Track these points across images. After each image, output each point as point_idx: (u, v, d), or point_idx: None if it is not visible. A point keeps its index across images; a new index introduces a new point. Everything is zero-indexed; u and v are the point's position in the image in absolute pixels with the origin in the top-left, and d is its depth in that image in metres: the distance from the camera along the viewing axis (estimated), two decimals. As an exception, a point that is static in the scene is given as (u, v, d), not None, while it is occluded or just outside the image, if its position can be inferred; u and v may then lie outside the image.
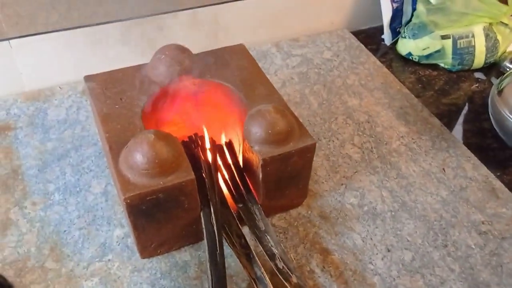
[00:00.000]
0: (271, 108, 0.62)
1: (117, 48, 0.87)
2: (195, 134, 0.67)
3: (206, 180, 0.62)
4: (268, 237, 0.63)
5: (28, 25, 0.79)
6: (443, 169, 0.79)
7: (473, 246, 0.69)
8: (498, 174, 0.79)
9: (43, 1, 0.78)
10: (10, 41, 0.80)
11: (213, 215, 0.61)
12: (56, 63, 0.86)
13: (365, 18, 1.10)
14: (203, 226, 0.60)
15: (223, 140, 0.70)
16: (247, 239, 0.63)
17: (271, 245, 0.62)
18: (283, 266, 0.60)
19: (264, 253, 0.62)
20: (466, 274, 0.65)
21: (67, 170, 0.75)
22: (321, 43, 1.04)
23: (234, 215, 0.65)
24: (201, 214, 0.61)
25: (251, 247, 0.62)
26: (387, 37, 1.06)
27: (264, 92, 0.69)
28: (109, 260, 0.64)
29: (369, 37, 1.09)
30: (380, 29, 1.08)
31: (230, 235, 0.63)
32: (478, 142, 0.86)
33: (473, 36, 0.96)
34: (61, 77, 0.87)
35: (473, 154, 0.82)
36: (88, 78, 0.68)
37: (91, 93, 0.67)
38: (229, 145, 0.69)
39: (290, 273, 0.59)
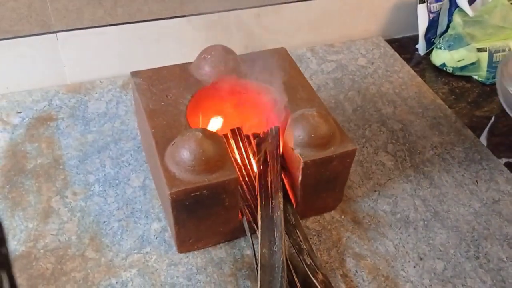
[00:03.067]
0: (315, 112, 0.63)
1: (159, 45, 0.89)
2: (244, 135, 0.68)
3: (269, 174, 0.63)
4: (298, 231, 0.64)
5: (75, 19, 0.81)
6: (476, 181, 0.79)
7: (505, 259, 0.69)
8: (532, 189, 0.79)
9: (92, -4, 0.80)
10: (57, 34, 0.82)
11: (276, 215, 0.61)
12: (98, 57, 0.88)
13: (399, 27, 1.10)
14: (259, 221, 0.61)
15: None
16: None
17: (300, 240, 0.63)
18: (310, 262, 0.61)
19: (293, 247, 0.62)
20: (497, 287, 0.66)
21: (107, 163, 0.76)
22: (356, 49, 1.04)
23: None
24: (259, 208, 0.62)
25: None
26: (421, 47, 1.06)
27: (305, 96, 0.70)
28: (147, 252, 0.66)
29: (402, 46, 1.10)
30: (414, 39, 1.09)
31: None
32: (511, 156, 0.86)
33: (509, 50, 0.96)
34: (102, 71, 0.89)
35: (506, 168, 0.82)
36: (134, 74, 0.70)
37: (138, 88, 0.68)
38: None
39: (317, 269, 0.60)
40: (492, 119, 0.93)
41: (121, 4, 0.82)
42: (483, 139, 0.88)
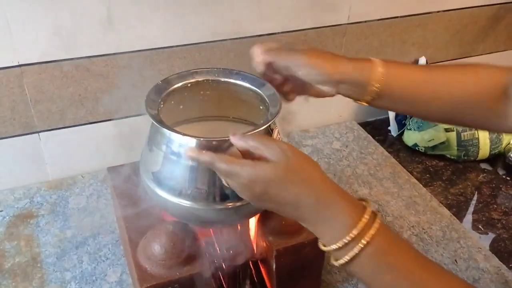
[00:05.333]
0: (284, 200, 0.64)
1: (138, 140, 0.93)
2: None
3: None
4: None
5: (57, 120, 0.85)
6: (455, 260, 0.79)
7: None
8: (511, 265, 0.79)
9: (74, 98, 0.84)
10: (40, 134, 0.85)
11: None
12: (80, 154, 0.91)
13: (371, 110, 1.16)
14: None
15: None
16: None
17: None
18: None
19: None
20: None
21: (84, 258, 0.76)
22: (330, 134, 1.09)
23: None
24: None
25: None
26: (393, 129, 1.11)
27: (277, 184, 0.72)
28: None
29: (376, 128, 1.14)
30: (386, 121, 1.14)
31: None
32: (488, 232, 0.86)
33: (476, 129, 1.01)
34: (84, 166, 0.92)
35: (484, 245, 0.82)
36: (111, 170, 0.72)
37: (113, 183, 0.70)
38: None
39: None
40: (475, 198, 0.95)
41: (102, 104, 0.87)
42: (466, 221, 0.89)
